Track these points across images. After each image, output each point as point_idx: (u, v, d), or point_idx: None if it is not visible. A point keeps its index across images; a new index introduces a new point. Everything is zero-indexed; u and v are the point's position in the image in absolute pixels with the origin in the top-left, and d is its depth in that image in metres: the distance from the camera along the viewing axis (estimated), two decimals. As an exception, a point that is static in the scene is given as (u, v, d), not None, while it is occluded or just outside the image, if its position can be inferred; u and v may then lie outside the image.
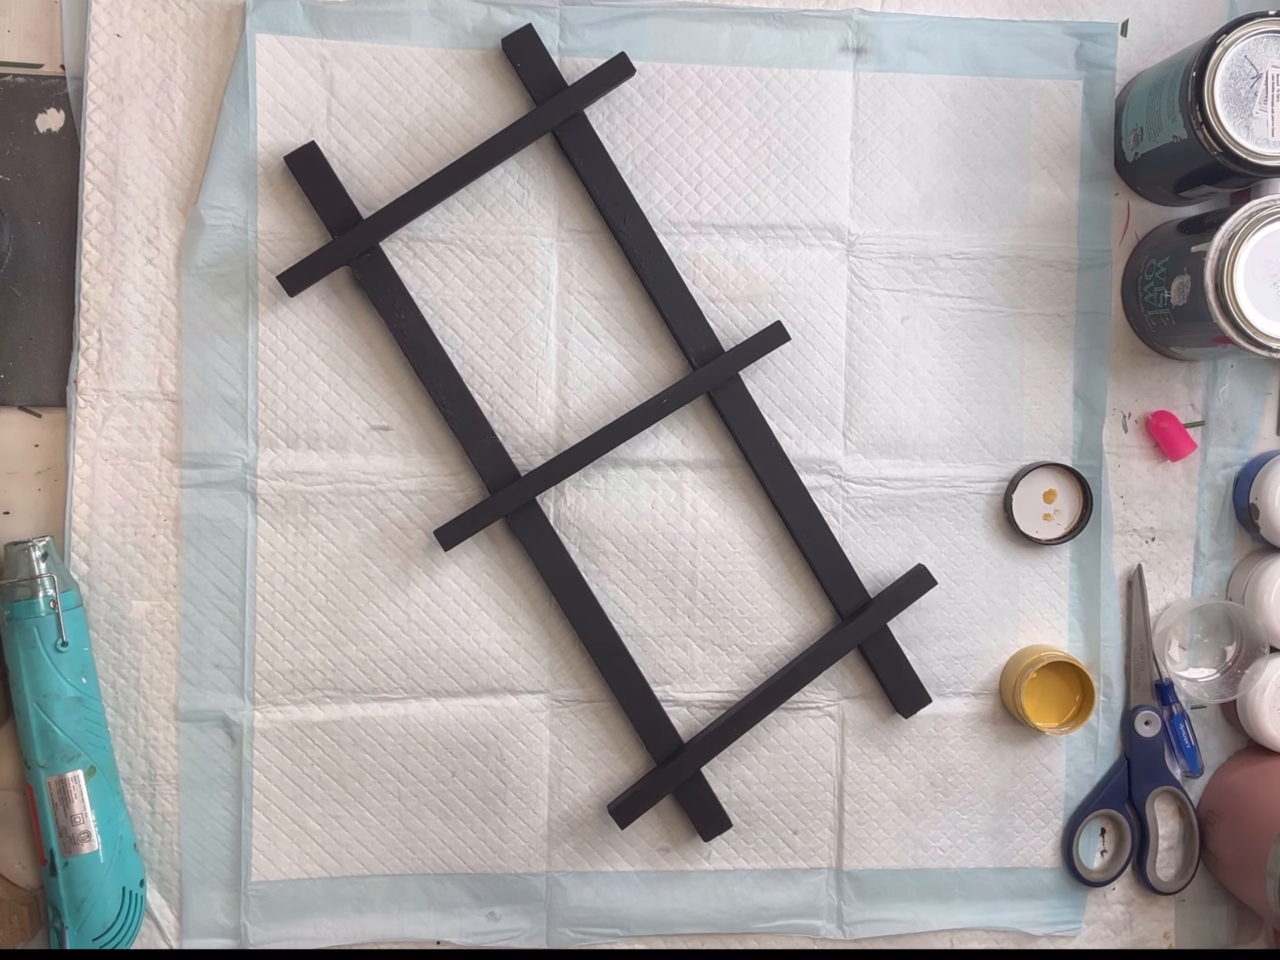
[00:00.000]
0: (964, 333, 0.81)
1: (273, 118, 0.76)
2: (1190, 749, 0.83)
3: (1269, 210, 0.72)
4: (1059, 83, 0.81)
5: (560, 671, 0.79)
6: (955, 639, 0.82)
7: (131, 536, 0.76)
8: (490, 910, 0.80)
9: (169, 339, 0.76)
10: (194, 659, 0.76)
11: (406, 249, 0.77)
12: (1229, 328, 0.72)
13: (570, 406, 0.79)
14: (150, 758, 0.76)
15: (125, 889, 0.72)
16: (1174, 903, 0.85)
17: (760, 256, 0.80)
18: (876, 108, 0.80)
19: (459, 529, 0.76)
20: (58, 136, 0.75)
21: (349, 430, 0.77)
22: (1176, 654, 0.84)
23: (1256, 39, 0.71)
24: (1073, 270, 0.82)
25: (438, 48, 0.77)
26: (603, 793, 0.80)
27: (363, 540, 0.77)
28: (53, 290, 0.75)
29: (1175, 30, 0.82)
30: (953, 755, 0.82)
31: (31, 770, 0.71)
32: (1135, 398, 0.83)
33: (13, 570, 0.71)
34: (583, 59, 0.77)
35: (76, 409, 0.75)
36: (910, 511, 0.81)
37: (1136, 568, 0.83)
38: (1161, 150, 0.76)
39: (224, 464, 0.76)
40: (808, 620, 0.81)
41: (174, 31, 0.75)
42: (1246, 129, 0.72)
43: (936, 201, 0.81)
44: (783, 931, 0.82)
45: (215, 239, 0.75)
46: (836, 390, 0.80)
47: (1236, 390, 0.83)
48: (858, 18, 0.79)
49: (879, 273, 0.80)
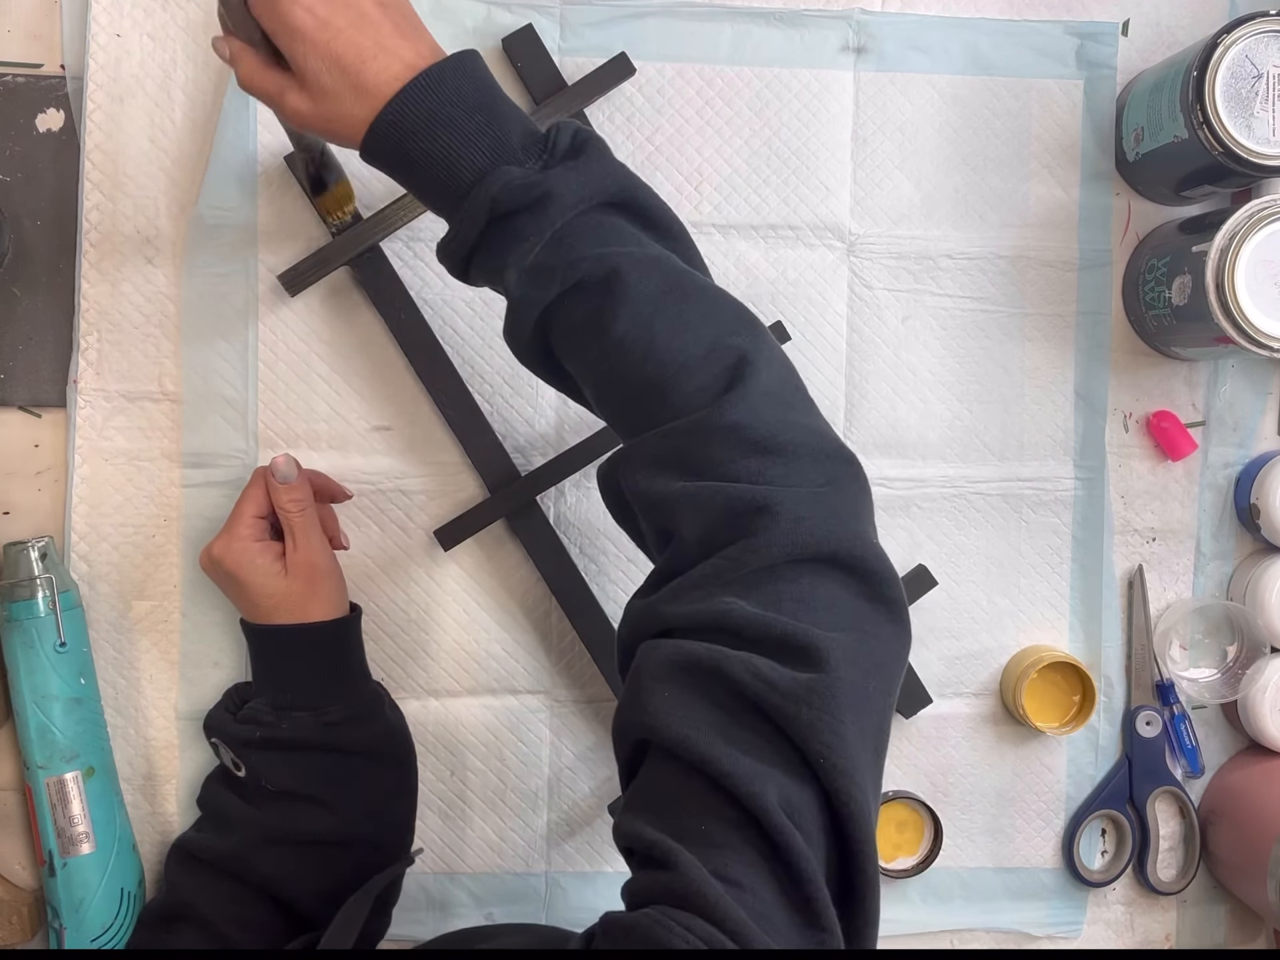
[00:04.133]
0: (964, 333, 0.81)
1: (273, 118, 0.75)
2: (1191, 749, 0.83)
3: (1270, 210, 0.72)
4: (1060, 82, 0.81)
5: (560, 671, 0.79)
6: (956, 639, 0.82)
7: (131, 536, 0.76)
8: (490, 910, 0.80)
9: (169, 339, 0.76)
10: (194, 659, 0.76)
11: (406, 249, 0.77)
12: (1230, 327, 0.72)
13: (570, 406, 0.79)
14: (150, 758, 0.76)
15: (124, 890, 0.72)
16: (1175, 903, 0.85)
17: (761, 256, 0.79)
18: (877, 107, 0.80)
19: (459, 529, 0.75)
20: (58, 136, 0.75)
21: (349, 430, 0.77)
22: (1177, 654, 0.84)
23: (1257, 38, 0.71)
24: (1073, 270, 0.82)
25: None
26: (603, 793, 0.80)
27: (363, 540, 0.77)
28: (53, 290, 0.75)
29: (1176, 30, 0.82)
30: (953, 755, 0.82)
31: (30, 771, 0.71)
32: (1136, 397, 0.83)
33: (12, 571, 0.71)
34: (583, 59, 0.77)
35: (76, 409, 0.75)
36: (911, 511, 0.81)
37: (1137, 568, 0.83)
38: (1162, 150, 0.76)
39: (224, 464, 0.76)
40: (808, 620, 0.81)
41: (174, 31, 0.75)
42: (1247, 128, 0.71)
43: (937, 201, 0.81)
44: (783, 932, 0.81)
45: (215, 239, 0.75)
46: (837, 390, 0.80)
47: (1237, 390, 0.83)
48: (858, 17, 0.79)
49: (879, 272, 0.80)
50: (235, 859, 0.67)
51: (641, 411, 0.54)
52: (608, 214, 0.55)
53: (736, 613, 0.48)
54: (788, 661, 0.47)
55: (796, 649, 0.47)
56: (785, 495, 0.50)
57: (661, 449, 0.53)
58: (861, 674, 0.48)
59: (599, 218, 0.55)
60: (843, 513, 0.51)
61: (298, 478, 0.69)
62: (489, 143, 0.55)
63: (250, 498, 0.69)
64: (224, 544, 0.68)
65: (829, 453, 0.52)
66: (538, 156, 0.55)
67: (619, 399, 0.55)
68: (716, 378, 0.52)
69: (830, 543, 0.49)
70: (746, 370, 0.52)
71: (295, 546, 0.69)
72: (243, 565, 0.68)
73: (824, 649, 0.47)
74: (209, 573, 0.70)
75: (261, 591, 0.68)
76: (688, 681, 0.48)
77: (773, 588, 0.49)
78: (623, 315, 0.53)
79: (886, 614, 0.50)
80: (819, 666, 0.47)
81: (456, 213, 0.56)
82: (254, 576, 0.68)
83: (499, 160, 0.55)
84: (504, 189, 0.54)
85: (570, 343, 0.56)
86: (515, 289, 0.55)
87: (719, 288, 0.56)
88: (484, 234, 0.55)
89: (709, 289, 0.55)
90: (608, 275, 0.53)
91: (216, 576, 0.70)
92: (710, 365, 0.52)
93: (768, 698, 0.46)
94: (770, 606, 0.48)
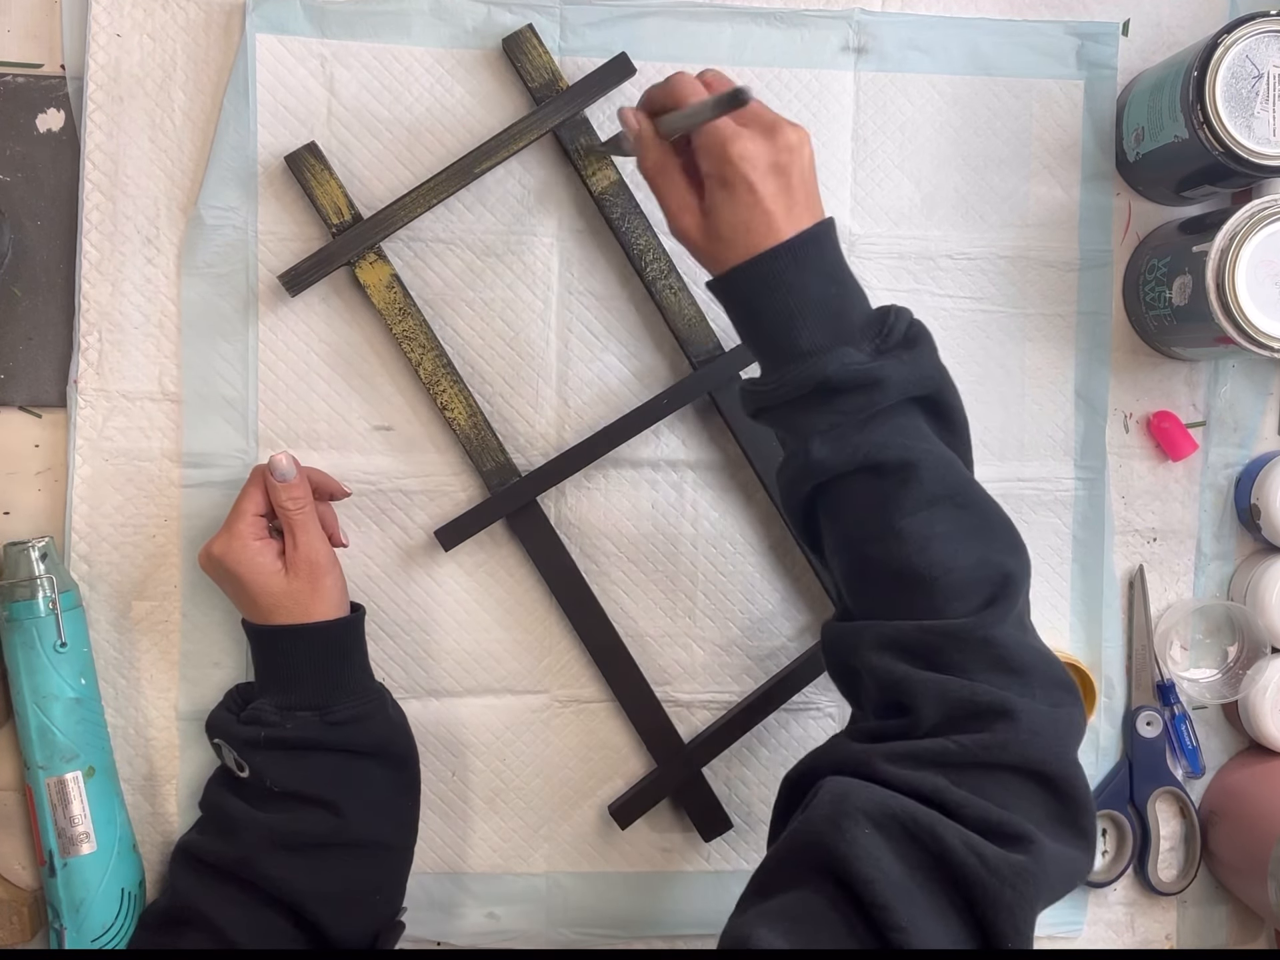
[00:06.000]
0: (965, 333, 0.81)
1: (273, 118, 0.76)
2: (1192, 749, 0.83)
3: (1270, 210, 0.72)
4: (1060, 82, 0.81)
5: (560, 671, 0.79)
6: (956, 639, 0.82)
7: (131, 536, 0.76)
8: (490, 910, 0.80)
9: (169, 339, 0.76)
10: (194, 659, 0.76)
11: (406, 249, 0.77)
12: (1230, 328, 0.72)
13: (570, 406, 0.79)
14: (150, 758, 0.76)
15: (124, 890, 0.72)
16: (1175, 903, 0.85)
17: (761, 256, 0.79)
18: (877, 107, 0.80)
19: (459, 529, 0.75)
20: (58, 136, 0.75)
21: (349, 430, 0.77)
22: (1178, 654, 0.84)
23: (1258, 38, 0.71)
24: (1074, 270, 0.82)
25: (438, 47, 0.77)
26: (603, 793, 0.80)
27: (363, 540, 0.77)
28: (53, 290, 0.75)
29: (1176, 30, 0.82)
30: (954, 756, 0.82)
31: (31, 771, 0.71)
32: (1137, 398, 0.83)
33: (12, 571, 0.71)
34: (583, 59, 0.77)
35: (76, 409, 0.75)
36: (911, 512, 0.81)
37: (1138, 568, 0.83)
38: (1163, 150, 0.76)
39: (224, 464, 0.76)
40: (808, 620, 0.81)
41: (174, 31, 0.75)
42: (1248, 129, 0.71)
43: (937, 201, 0.81)
44: (783, 932, 0.81)
45: (215, 239, 0.75)
46: (837, 390, 0.80)
47: (1238, 390, 0.83)
48: (859, 17, 0.79)
49: (880, 273, 0.80)
50: (241, 863, 0.67)
51: (901, 601, 0.58)
52: (916, 406, 0.59)
53: (955, 791, 0.52)
54: (998, 842, 0.50)
55: (1008, 835, 0.51)
56: (1025, 706, 0.54)
57: (916, 640, 0.56)
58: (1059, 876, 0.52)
59: (909, 408, 0.59)
60: (1066, 739, 0.56)
61: (296, 476, 0.69)
62: (832, 319, 0.59)
63: (249, 496, 0.69)
64: (224, 543, 0.68)
65: (1057, 680, 0.57)
66: (873, 339, 0.59)
67: (879, 580, 0.59)
68: (980, 592, 0.57)
69: (1051, 763, 0.54)
70: (1008, 591, 0.57)
71: (295, 545, 0.69)
72: (243, 564, 0.68)
73: (1037, 840, 0.51)
74: (209, 571, 0.70)
75: (262, 590, 0.68)
76: (896, 833, 0.50)
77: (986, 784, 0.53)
78: (909, 508, 0.57)
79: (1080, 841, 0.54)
80: (1029, 852, 0.50)
81: (781, 370, 0.60)
82: (254, 575, 0.68)
83: (839, 339, 0.59)
84: (840, 370, 0.57)
85: (847, 515, 0.60)
86: (816, 450, 0.58)
87: (993, 500, 0.61)
88: (804, 397, 0.59)
89: (986, 502, 0.60)
90: (905, 466, 0.57)
91: (216, 575, 0.70)
92: (978, 578, 0.57)
93: (975, 870, 0.49)
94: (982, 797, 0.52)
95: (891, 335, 0.59)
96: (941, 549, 0.57)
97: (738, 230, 0.59)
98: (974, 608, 0.56)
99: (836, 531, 0.61)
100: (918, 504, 0.57)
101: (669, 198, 0.63)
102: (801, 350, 0.59)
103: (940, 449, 0.59)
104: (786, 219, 0.59)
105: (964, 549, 0.57)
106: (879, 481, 0.58)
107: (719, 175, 0.59)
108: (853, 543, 0.59)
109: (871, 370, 0.57)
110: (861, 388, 0.58)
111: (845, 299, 0.60)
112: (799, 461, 0.59)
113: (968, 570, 0.57)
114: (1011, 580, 0.57)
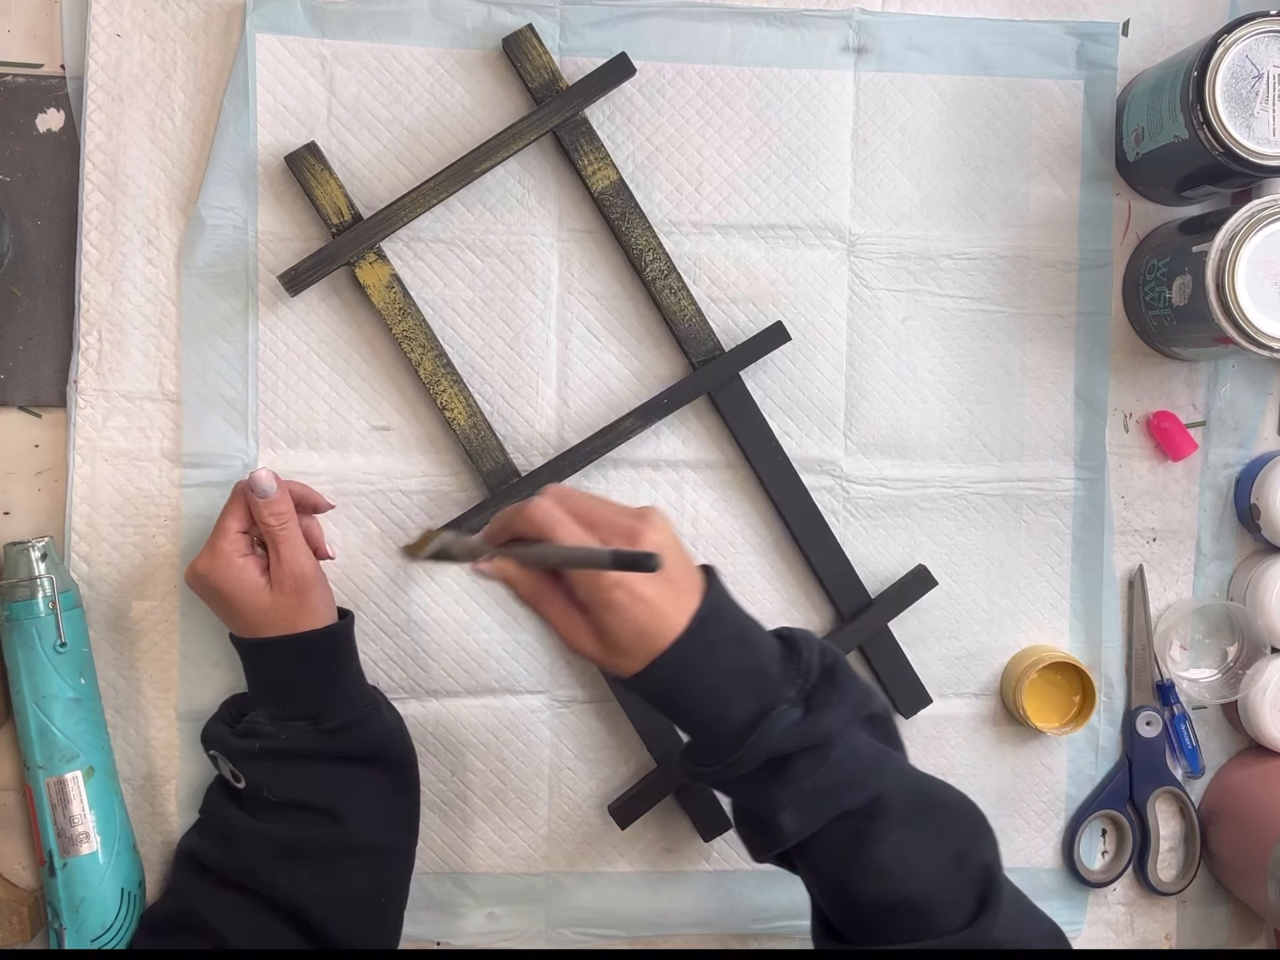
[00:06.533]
0: (965, 333, 0.81)
1: (273, 118, 0.76)
2: (1191, 749, 0.83)
3: (1270, 210, 0.72)
4: (1060, 82, 0.81)
5: (560, 671, 0.79)
6: (956, 639, 0.82)
7: (131, 536, 0.76)
8: (490, 910, 0.80)
9: (169, 339, 0.76)
10: (194, 659, 0.76)
11: (406, 249, 0.77)
12: (1230, 328, 0.72)
13: (570, 406, 0.79)
14: (150, 758, 0.76)
15: (124, 890, 0.72)
16: (1175, 903, 0.85)
17: (761, 256, 0.79)
18: (877, 107, 0.80)
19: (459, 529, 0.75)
20: (58, 136, 0.75)
21: (349, 430, 0.77)
22: (1178, 654, 0.84)
23: (1258, 38, 0.71)
24: (1074, 270, 0.82)
25: (438, 48, 0.77)
26: (603, 793, 0.80)
27: (363, 540, 0.77)
28: (53, 290, 0.75)
29: (1176, 30, 0.82)
30: (954, 756, 0.82)
31: (30, 771, 0.71)
32: (1136, 398, 0.83)
33: (12, 571, 0.71)
34: (583, 59, 0.77)
35: (76, 409, 0.75)
36: (911, 512, 0.81)
37: (1138, 568, 0.83)
38: (1163, 150, 0.76)
39: (224, 464, 0.76)
40: (808, 620, 0.81)
41: (174, 31, 0.75)
42: (1248, 129, 0.71)
43: (937, 201, 0.81)
44: (782, 932, 0.81)
45: (215, 239, 0.75)
46: (837, 390, 0.80)
47: (1238, 390, 0.83)
48: (859, 17, 0.79)
49: (880, 273, 0.80)
50: (244, 872, 0.67)
51: (898, 928, 0.59)
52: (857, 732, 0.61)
53: None
54: None
55: None
56: None
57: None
58: None
59: (853, 738, 0.61)
60: None
61: (278, 491, 0.69)
62: (754, 680, 0.60)
63: (231, 513, 0.69)
64: (207, 560, 0.68)
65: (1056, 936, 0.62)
66: (794, 682, 0.60)
67: (870, 914, 0.60)
68: (971, 893, 0.59)
69: None
70: (994, 886, 0.59)
71: (279, 560, 0.68)
72: (228, 581, 0.68)
73: None
74: (194, 589, 0.70)
75: (248, 606, 0.68)
76: None
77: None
78: (885, 841, 0.59)
79: None
80: None
81: (722, 750, 0.60)
82: (239, 592, 0.68)
83: (768, 699, 0.59)
84: (782, 738, 0.59)
85: (824, 861, 0.61)
86: (788, 824, 0.59)
87: (941, 781, 0.64)
88: (756, 771, 0.60)
89: (939, 789, 0.63)
90: (870, 802, 0.60)
91: (202, 593, 0.70)
92: (964, 882, 0.60)
93: None
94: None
95: (810, 673, 0.61)
96: (923, 867, 0.59)
97: (635, 639, 0.58)
98: (969, 913, 0.59)
99: (816, 872, 0.62)
100: (889, 829, 0.59)
101: (556, 623, 0.61)
102: (735, 723, 0.59)
103: (888, 757, 0.62)
104: (676, 608, 0.59)
105: (941, 857, 0.60)
106: (849, 821, 0.60)
107: (601, 601, 0.58)
108: (836, 885, 0.61)
109: (814, 729, 0.59)
110: (811, 748, 0.59)
111: (756, 653, 0.60)
112: (772, 834, 0.60)
113: (951, 876, 0.59)
114: (990, 871, 0.60)
